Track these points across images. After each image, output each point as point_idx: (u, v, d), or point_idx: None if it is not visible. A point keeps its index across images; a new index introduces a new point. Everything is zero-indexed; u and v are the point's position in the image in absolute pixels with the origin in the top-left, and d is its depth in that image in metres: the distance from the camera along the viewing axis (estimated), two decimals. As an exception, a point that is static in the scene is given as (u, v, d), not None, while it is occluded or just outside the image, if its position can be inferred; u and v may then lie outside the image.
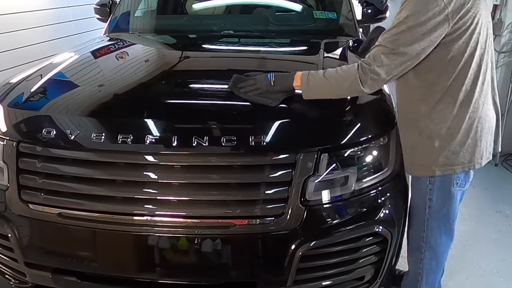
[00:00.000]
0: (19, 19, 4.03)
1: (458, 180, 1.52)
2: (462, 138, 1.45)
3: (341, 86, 1.47)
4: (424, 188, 1.56)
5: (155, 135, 1.46)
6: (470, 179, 1.56)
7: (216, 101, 1.73)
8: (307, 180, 1.44)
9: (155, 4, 3.08)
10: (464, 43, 1.37)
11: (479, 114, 1.45)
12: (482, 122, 1.46)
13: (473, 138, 1.46)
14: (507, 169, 3.49)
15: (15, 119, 1.63)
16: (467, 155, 1.47)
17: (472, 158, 1.48)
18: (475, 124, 1.45)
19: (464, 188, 1.55)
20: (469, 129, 1.45)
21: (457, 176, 1.50)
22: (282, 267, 1.46)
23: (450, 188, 1.52)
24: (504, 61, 3.40)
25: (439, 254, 1.66)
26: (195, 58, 2.26)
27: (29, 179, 1.52)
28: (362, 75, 1.42)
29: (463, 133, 1.45)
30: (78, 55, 2.21)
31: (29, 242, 1.56)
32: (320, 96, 1.53)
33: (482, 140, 1.48)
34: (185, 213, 1.44)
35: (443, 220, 1.58)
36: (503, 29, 3.31)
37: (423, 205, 1.58)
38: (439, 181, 1.52)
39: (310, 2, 3.03)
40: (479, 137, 1.47)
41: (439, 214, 1.57)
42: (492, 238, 2.60)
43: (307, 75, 1.52)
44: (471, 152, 1.47)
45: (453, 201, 1.55)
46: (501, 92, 3.39)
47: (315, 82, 1.51)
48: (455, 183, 1.52)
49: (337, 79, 1.47)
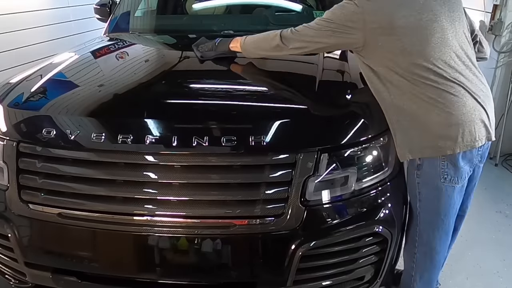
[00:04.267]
0: (19, 19, 4.04)
1: (445, 175, 1.50)
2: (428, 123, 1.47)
3: (267, 42, 1.75)
4: (413, 181, 1.58)
5: (155, 135, 1.46)
6: (462, 174, 1.52)
7: (216, 101, 1.73)
8: (307, 180, 1.44)
9: (155, 4, 3.08)
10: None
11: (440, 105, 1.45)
12: (447, 108, 1.44)
13: (441, 124, 1.46)
14: (507, 169, 3.49)
15: (15, 119, 1.63)
16: (438, 140, 1.47)
17: (443, 143, 1.46)
18: (439, 108, 1.45)
19: (457, 184, 1.53)
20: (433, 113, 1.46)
21: (443, 170, 1.49)
22: (282, 267, 1.46)
23: (436, 182, 1.52)
24: (504, 61, 3.39)
25: (432, 250, 1.65)
26: (195, 58, 2.26)
27: (29, 179, 1.52)
28: (284, 31, 1.68)
29: (425, 121, 1.47)
30: (78, 55, 2.21)
31: (29, 242, 1.57)
32: (254, 51, 1.84)
33: (452, 127, 1.45)
34: (185, 213, 1.44)
35: (434, 215, 1.58)
36: (503, 29, 3.30)
37: (414, 199, 1.61)
38: (425, 174, 1.53)
39: (310, 2, 3.03)
40: (447, 122, 1.45)
41: (429, 209, 1.58)
42: (492, 238, 2.60)
43: (244, 37, 1.86)
44: (441, 137, 1.46)
45: (444, 197, 1.54)
46: (501, 92, 3.39)
47: (249, 41, 1.84)
48: (442, 177, 1.50)
49: (264, 37, 1.78)
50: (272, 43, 1.71)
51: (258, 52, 1.83)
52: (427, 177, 1.54)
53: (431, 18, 1.46)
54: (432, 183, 1.53)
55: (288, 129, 1.50)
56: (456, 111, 1.45)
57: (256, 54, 1.86)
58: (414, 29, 1.45)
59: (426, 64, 1.44)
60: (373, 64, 1.54)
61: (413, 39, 1.45)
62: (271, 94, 1.82)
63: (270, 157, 1.45)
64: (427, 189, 1.56)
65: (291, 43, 1.66)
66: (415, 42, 1.45)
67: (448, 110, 1.45)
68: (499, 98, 3.35)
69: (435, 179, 1.52)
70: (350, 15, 1.50)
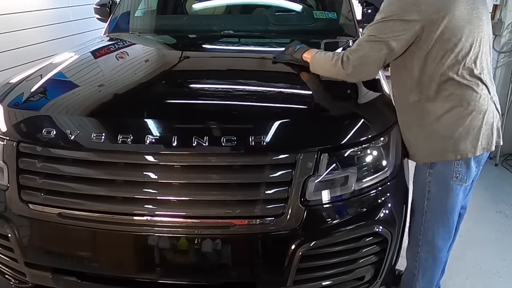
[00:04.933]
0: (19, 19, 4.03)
1: (458, 174, 1.53)
2: (451, 127, 1.49)
3: (328, 64, 1.64)
4: (424, 180, 1.59)
5: (155, 135, 1.46)
6: (471, 174, 1.56)
7: (216, 101, 1.73)
8: (307, 180, 1.44)
9: (155, 4, 3.08)
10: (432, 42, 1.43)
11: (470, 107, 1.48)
12: (474, 115, 1.48)
13: (465, 127, 1.48)
14: (507, 169, 3.49)
15: (15, 119, 1.63)
16: (460, 143, 1.49)
17: (465, 147, 1.49)
18: (467, 115, 1.48)
19: (465, 183, 1.56)
20: (459, 119, 1.48)
21: (457, 169, 1.52)
22: (282, 267, 1.46)
23: (449, 181, 1.54)
24: (504, 61, 3.40)
25: (436, 248, 1.67)
26: (195, 58, 2.27)
27: (29, 179, 1.52)
28: (344, 56, 1.56)
29: (452, 123, 1.48)
30: (78, 55, 2.21)
31: (29, 242, 1.56)
32: (319, 71, 1.74)
33: (475, 130, 1.49)
34: (185, 213, 1.44)
35: (441, 214, 1.60)
36: (503, 29, 3.31)
37: (422, 198, 1.62)
38: (438, 173, 1.55)
39: (310, 2, 3.03)
40: (470, 127, 1.48)
41: (437, 207, 1.59)
42: (492, 238, 2.60)
43: (316, 53, 1.75)
44: (463, 140, 1.49)
45: (452, 195, 1.57)
46: (501, 92, 3.40)
47: (318, 57, 1.72)
48: (454, 176, 1.53)
49: (326, 57, 1.66)
50: (334, 69, 1.61)
51: (324, 73, 1.74)
52: (439, 176, 1.56)
53: (478, 16, 1.46)
54: (444, 181, 1.55)
55: (288, 129, 1.50)
56: (481, 114, 1.49)
57: (322, 73, 1.76)
58: (466, 24, 1.43)
59: (469, 64, 1.45)
60: (416, 62, 1.49)
61: (463, 35, 1.43)
62: (271, 94, 1.82)
63: (270, 157, 1.45)
64: (438, 188, 1.57)
65: (351, 63, 1.54)
66: (464, 39, 1.43)
67: (475, 114, 1.48)
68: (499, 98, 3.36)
69: (448, 178, 1.54)
70: (407, 6, 1.42)
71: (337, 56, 1.58)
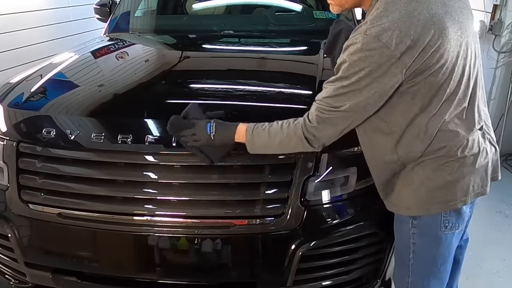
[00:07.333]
0: (19, 19, 4.04)
1: (447, 223, 1.27)
2: (438, 176, 1.23)
3: (287, 146, 1.32)
4: (407, 231, 1.32)
5: (155, 135, 1.46)
6: (464, 219, 1.32)
7: (216, 101, 1.73)
8: (307, 180, 1.44)
9: (155, 4, 3.08)
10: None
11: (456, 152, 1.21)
12: (462, 160, 1.21)
13: (451, 175, 1.22)
14: (507, 169, 3.48)
15: (15, 119, 1.63)
16: (448, 193, 1.24)
17: (453, 197, 1.23)
18: (452, 162, 1.21)
19: (457, 230, 1.30)
20: (445, 166, 1.22)
21: (445, 219, 1.27)
22: (282, 267, 1.46)
23: (437, 232, 1.28)
24: (504, 61, 3.39)
25: None
26: (195, 58, 2.27)
27: (29, 179, 1.52)
28: (307, 134, 1.26)
29: (438, 172, 1.22)
30: (78, 55, 2.21)
31: (29, 242, 1.57)
32: (266, 152, 1.38)
33: (465, 177, 1.23)
34: (185, 213, 1.44)
35: (429, 265, 1.34)
36: (503, 29, 3.30)
37: (406, 250, 1.35)
38: (424, 224, 1.29)
39: (310, 2, 3.03)
40: (459, 174, 1.22)
41: (425, 259, 1.34)
42: (492, 238, 2.60)
43: (252, 130, 1.33)
44: (451, 189, 1.23)
45: (442, 245, 1.31)
46: (501, 92, 3.39)
47: (259, 139, 1.33)
48: (443, 226, 1.28)
49: (281, 140, 1.30)
50: (297, 149, 1.33)
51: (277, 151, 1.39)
52: (425, 228, 1.30)
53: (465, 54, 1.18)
54: (430, 233, 1.30)
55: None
56: (472, 159, 1.22)
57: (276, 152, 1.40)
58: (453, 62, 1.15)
59: (460, 105, 1.19)
60: (395, 113, 1.20)
61: (451, 75, 1.15)
62: (271, 94, 1.82)
63: (270, 157, 1.45)
64: (424, 240, 1.31)
65: (321, 143, 1.28)
66: (453, 78, 1.16)
67: (465, 160, 1.21)
68: (499, 98, 3.34)
69: (435, 229, 1.28)
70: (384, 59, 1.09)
71: (298, 135, 1.27)
